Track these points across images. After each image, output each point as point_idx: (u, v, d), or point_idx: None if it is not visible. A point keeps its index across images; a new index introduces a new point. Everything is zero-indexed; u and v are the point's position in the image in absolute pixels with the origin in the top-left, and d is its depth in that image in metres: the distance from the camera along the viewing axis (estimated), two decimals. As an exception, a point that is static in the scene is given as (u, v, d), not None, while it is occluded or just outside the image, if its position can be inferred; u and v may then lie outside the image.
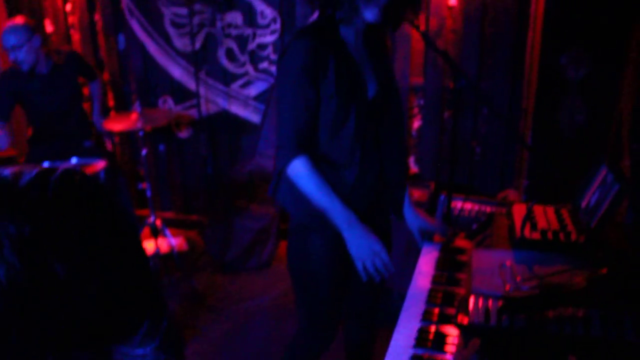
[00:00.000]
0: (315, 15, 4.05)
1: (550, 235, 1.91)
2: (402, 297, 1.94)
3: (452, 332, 1.68)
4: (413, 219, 2.31)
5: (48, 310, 0.77)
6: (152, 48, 4.54)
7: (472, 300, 1.61)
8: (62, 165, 3.37)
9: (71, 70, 3.95)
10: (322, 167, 2.06)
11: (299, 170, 2.01)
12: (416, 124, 4.11)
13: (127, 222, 1.00)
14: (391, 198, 2.30)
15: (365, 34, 2.09)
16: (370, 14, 1.95)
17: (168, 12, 4.42)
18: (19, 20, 3.73)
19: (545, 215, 2.06)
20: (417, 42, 3.92)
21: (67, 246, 0.80)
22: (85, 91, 4.10)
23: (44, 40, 3.82)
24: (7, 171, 0.98)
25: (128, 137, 4.87)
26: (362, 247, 1.99)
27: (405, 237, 2.79)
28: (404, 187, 2.31)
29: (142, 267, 1.09)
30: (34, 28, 3.74)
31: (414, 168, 4.16)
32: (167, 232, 4.12)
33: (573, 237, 1.90)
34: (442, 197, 3.51)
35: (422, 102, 4.05)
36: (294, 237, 2.26)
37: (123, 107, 4.77)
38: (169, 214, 4.91)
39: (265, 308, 3.82)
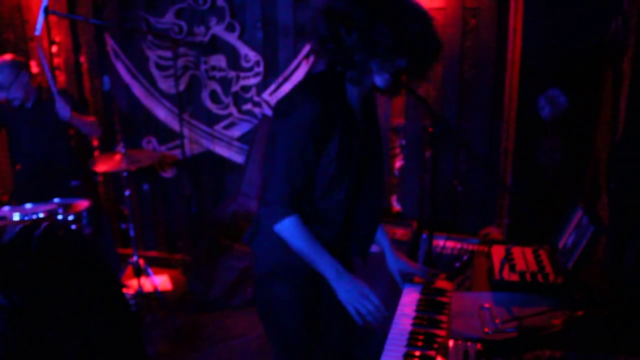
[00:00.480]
0: (297, 61, 4.14)
1: (528, 277, 1.95)
2: (385, 337, 1.95)
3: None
4: (394, 261, 2.34)
5: None
6: (136, 89, 4.59)
7: (451, 343, 1.63)
8: (45, 207, 3.36)
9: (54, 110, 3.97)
10: (310, 221, 2.08)
11: (289, 228, 2.02)
12: (398, 163, 4.17)
13: (110, 274, 1.02)
14: (360, 242, 2.32)
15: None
16: (380, 80, 1.98)
17: (153, 55, 4.48)
18: (6, 57, 3.78)
19: (524, 257, 2.10)
20: (398, 84, 3.99)
21: (55, 309, 0.80)
22: (71, 131, 4.13)
23: (31, 76, 3.87)
24: None
25: (112, 176, 4.88)
26: (351, 292, 2.01)
27: (388, 278, 2.81)
28: (374, 233, 2.34)
29: (125, 318, 1.11)
30: (22, 64, 3.80)
31: (396, 207, 4.20)
32: (150, 271, 4.10)
33: (551, 278, 1.94)
34: (424, 235, 3.55)
35: (403, 141, 4.12)
36: (260, 286, 2.26)
37: (107, 147, 4.79)
38: (153, 253, 4.90)
39: (249, 347, 3.80)
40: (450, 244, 2.65)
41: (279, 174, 2.01)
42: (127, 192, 3.96)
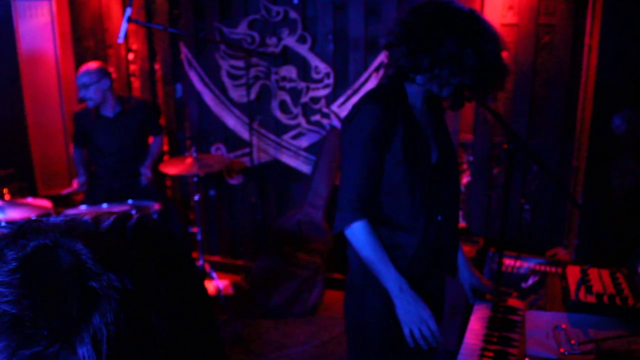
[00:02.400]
0: (367, 73, 4.17)
1: (606, 299, 1.91)
2: (447, 353, 1.95)
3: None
4: (467, 276, 2.33)
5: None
6: (208, 97, 4.71)
7: (528, 363, 1.62)
8: (119, 207, 3.52)
9: (136, 118, 4.20)
10: (383, 230, 2.09)
11: (357, 233, 2.04)
12: (465, 179, 4.14)
13: (195, 266, 1.07)
14: (446, 258, 2.30)
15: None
16: (447, 91, 2.02)
17: (225, 64, 4.59)
18: (94, 63, 4.07)
19: (601, 279, 2.06)
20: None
21: (156, 294, 0.83)
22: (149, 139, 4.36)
23: (112, 84, 4.12)
24: (87, 218, 1.04)
25: (180, 181, 5.01)
26: (410, 313, 1.99)
27: (452, 295, 2.79)
28: (457, 246, 2.33)
29: (209, 311, 1.16)
30: (106, 72, 4.08)
31: (462, 223, 4.17)
32: (214, 275, 4.19)
33: (630, 302, 1.90)
34: (490, 253, 3.51)
35: (471, 158, 4.09)
36: (351, 294, 2.27)
37: (176, 152, 4.93)
38: (216, 258, 5.00)
39: (308, 356, 3.83)
40: (518, 263, 2.61)
41: (347, 179, 2.06)
42: (196, 197, 4.06)
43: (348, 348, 2.35)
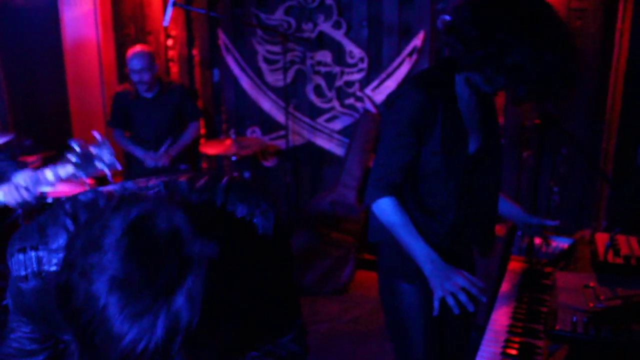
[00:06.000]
0: (400, 58, 4.28)
1: (633, 261, 2.01)
2: (476, 328, 2.02)
3: (538, 344, 1.80)
4: (522, 216, 2.38)
5: (231, 320, 0.89)
6: (244, 82, 4.86)
7: (559, 311, 1.73)
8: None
9: (173, 100, 4.34)
10: (415, 213, 2.12)
11: (385, 207, 2.05)
12: (495, 161, 4.22)
13: (281, 222, 1.19)
14: (478, 235, 2.31)
15: None
16: (498, 90, 1.97)
17: (262, 50, 4.74)
18: (145, 48, 4.24)
19: (629, 244, 2.16)
20: (499, 83, 4.07)
21: (241, 261, 0.92)
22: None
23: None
24: (183, 180, 1.16)
25: (215, 164, 5.17)
26: (441, 277, 1.92)
27: (481, 272, 2.88)
28: (493, 225, 2.35)
29: (290, 270, 1.29)
30: (154, 57, 4.25)
31: (491, 204, 4.26)
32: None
33: (656, 263, 1.99)
34: (519, 232, 3.60)
35: (502, 140, 4.17)
36: (384, 280, 2.29)
37: (212, 135, 5.09)
38: (251, 239, 5.13)
39: (341, 331, 3.95)
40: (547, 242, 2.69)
41: (379, 159, 2.09)
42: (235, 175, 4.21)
43: (389, 335, 2.35)
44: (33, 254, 1.10)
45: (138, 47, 4.24)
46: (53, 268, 1.09)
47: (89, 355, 0.84)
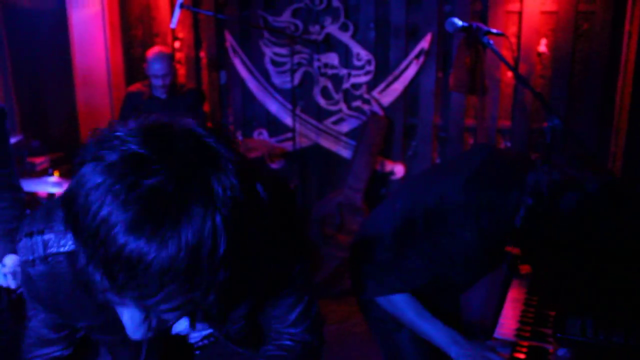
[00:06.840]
0: (407, 61, 4.27)
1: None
2: (484, 332, 2.02)
3: (546, 349, 1.79)
4: None
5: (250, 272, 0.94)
6: (251, 84, 4.87)
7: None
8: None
9: (186, 102, 4.36)
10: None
11: (397, 302, 2.00)
12: (502, 164, 4.22)
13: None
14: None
15: None
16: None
17: (269, 52, 4.75)
18: (163, 49, 4.25)
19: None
20: (506, 87, 4.08)
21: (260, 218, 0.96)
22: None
23: None
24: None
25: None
26: (473, 357, 1.83)
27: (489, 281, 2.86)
28: None
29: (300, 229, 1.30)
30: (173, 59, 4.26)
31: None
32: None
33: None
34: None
35: (509, 144, 4.17)
36: (375, 329, 2.25)
37: (220, 138, 5.09)
38: (257, 241, 5.14)
39: (350, 333, 3.94)
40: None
41: (409, 262, 1.97)
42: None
43: None
44: (39, 238, 1.12)
45: (157, 49, 4.22)
46: (66, 249, 1.11)
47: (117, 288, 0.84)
